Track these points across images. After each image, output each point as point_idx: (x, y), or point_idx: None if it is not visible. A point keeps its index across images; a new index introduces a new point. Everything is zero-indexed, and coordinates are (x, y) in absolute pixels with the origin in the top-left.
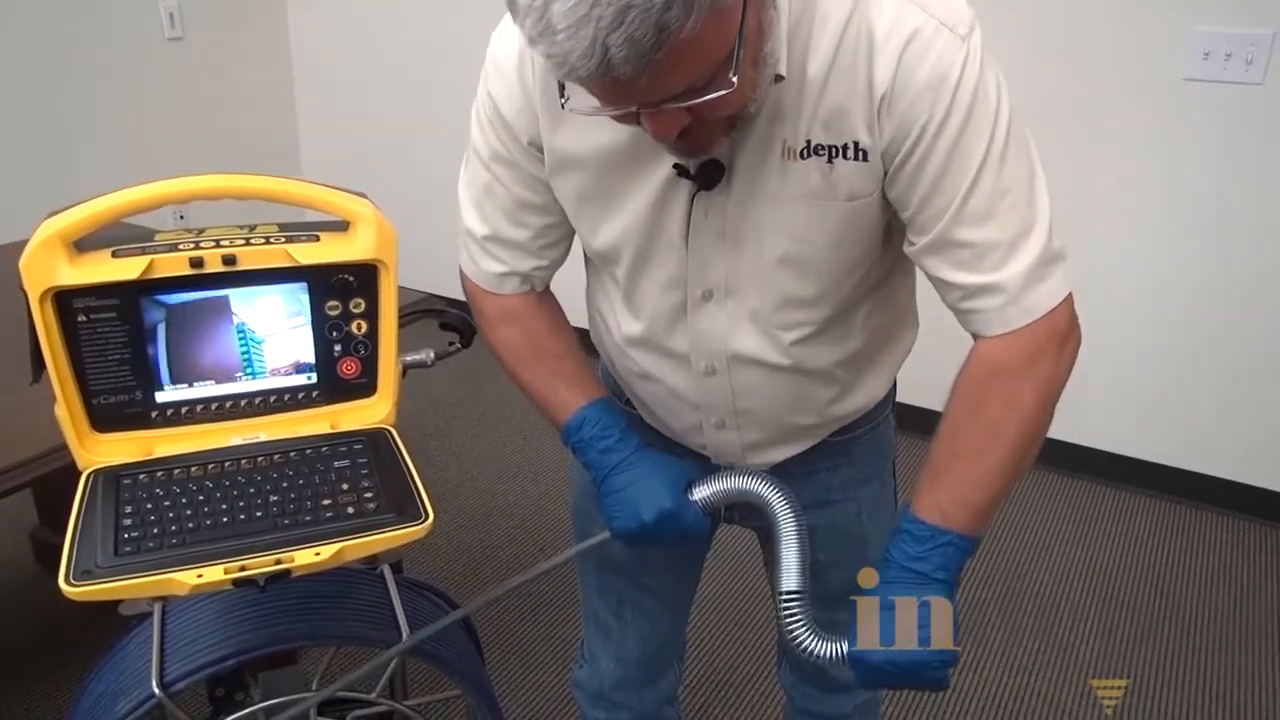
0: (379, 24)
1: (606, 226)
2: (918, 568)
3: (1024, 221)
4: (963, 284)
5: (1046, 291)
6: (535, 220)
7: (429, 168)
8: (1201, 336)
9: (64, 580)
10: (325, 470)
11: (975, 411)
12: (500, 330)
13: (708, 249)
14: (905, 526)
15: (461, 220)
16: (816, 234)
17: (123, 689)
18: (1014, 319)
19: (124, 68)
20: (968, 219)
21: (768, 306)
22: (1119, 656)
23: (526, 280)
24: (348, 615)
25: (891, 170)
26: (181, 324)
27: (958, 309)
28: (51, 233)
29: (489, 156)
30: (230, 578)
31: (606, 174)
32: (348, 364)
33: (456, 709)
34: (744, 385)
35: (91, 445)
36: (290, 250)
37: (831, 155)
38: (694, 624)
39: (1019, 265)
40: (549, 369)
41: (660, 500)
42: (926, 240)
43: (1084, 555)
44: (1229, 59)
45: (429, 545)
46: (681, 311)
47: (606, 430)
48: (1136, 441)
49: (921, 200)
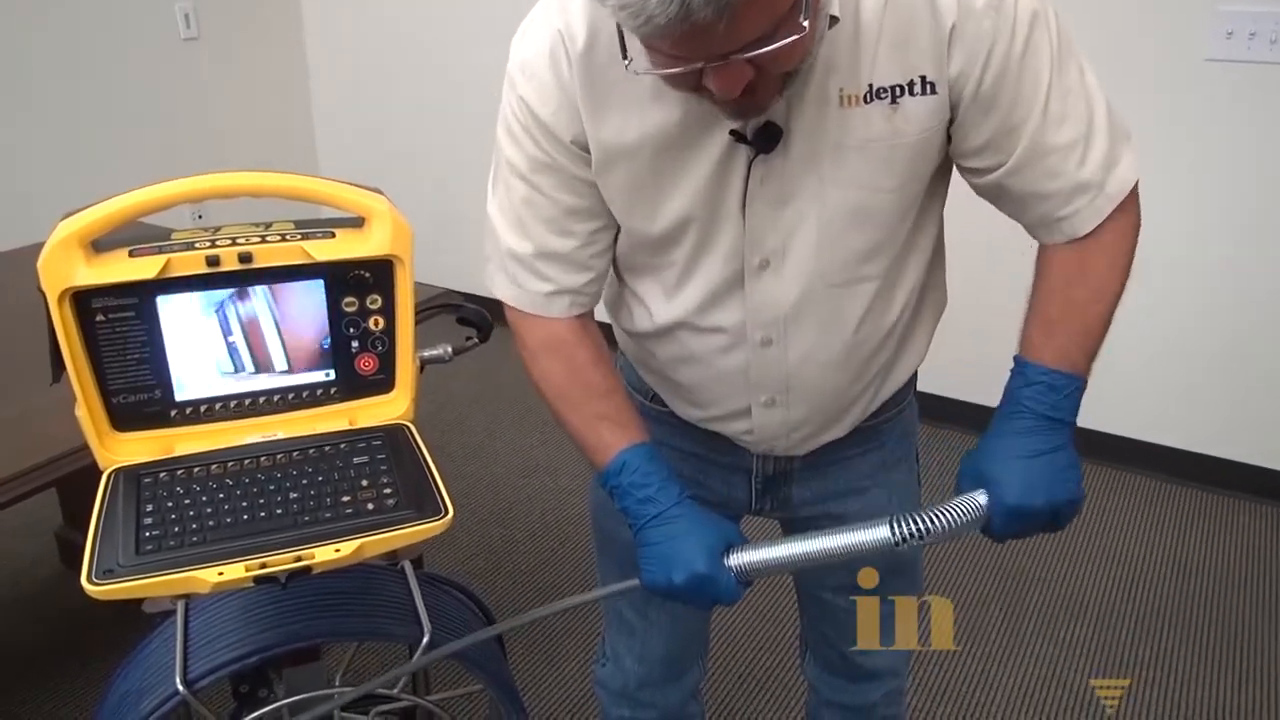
0: (394, 21)
1: (667, 208)
2: (1056, 415)
3: (1089, 112)
4: (1057, 191)
5: (1121, 173)
6: (582, 227)
7: (445, 163)
8: (1223, 321)
9: (86, 579)
10: (344, 467)
11: (1083, 269)
12: (543, 363)
13: (765, 216)
14: (1038, 378)
15: (500, 243)
16: (884, 178)
17: (147, 686)
18: (1103, 208)
19: (140, 68)
20: (1050, 124)
21: (830, 266)
22: (1145, 645)
23: (576, 300)
24: (369, 611)
25: (967, 97)
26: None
27: (1052, 220)
28: (69, 233)
29: (527, 168)
30: (251, 575)
31: (658, 158)
32: (365, 360)
33: (479, 703)
34: (800, 354)
35: (112, 444)
36: (306, 247)
37: (896, 95)
38: (714, 618)
39: (1096, 155)
40: (592, 410)
41: (694, 563)
42: (1015, 158)
43: (1106, 543)
44: (1253, 38)
45: (449, 540)
46: (736, 283)
47: (646, 478)
48: (1158, 427)
49: (1004, 119)
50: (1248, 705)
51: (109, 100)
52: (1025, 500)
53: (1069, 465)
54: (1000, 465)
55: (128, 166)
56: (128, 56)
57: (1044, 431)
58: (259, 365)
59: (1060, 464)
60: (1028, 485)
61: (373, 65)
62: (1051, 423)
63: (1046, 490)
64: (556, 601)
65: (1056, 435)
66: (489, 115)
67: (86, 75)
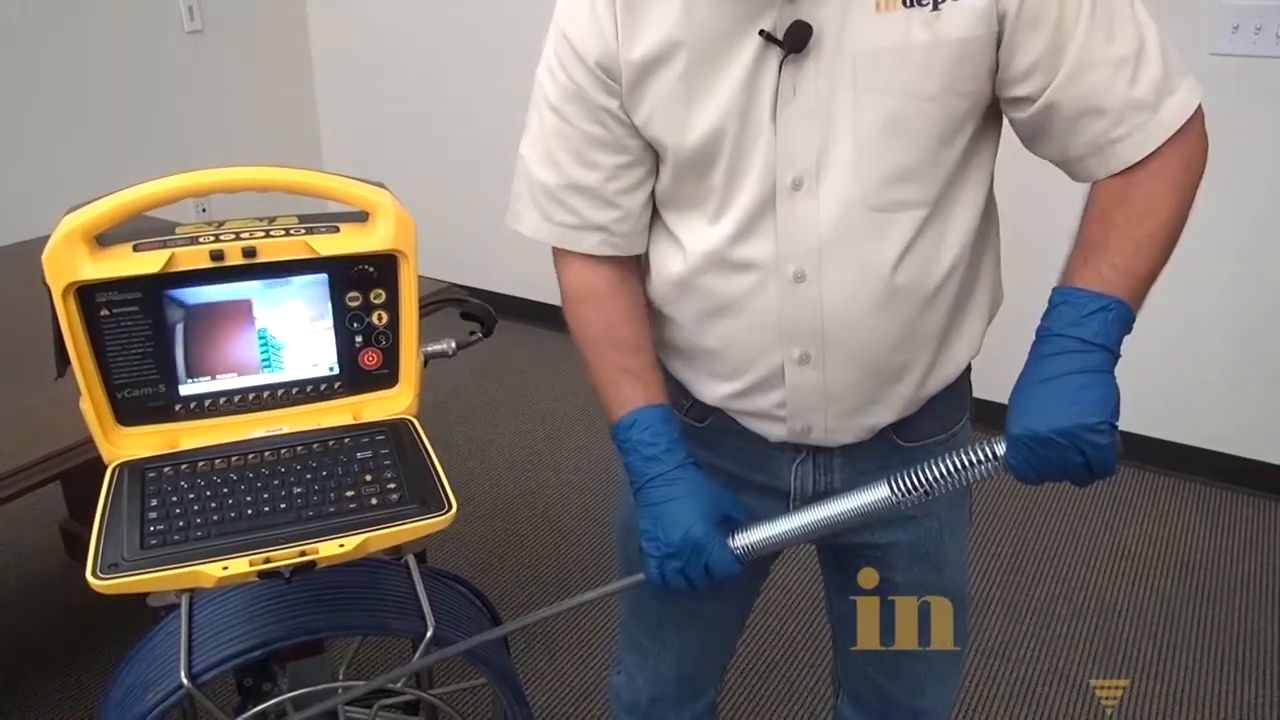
0: (399, 15)
1: (700, 119)
2: (1077, 333)
3: (1139, 35)
4: (1108, 107)
5: (1180, 99)
6: (606, 159)
7: (450, 158)
8: (1227, 315)
9: (91, 574)
10: (348, 461)
11: (1126, 194)
12: (577, 310)
13: (796, 127)
14: (1060, 299)
15: (531, 176)
16: (921, 85)
17: (152, 680)
18: (1155, 134)
19: (144, 62)
20: (1097, 37)
21: (868, 186)
22: (1147, 639)
23: (607, 239)
24: (373, 605)
25: (1013, 7)
26: (203, 316)
27: (1104, 143)
28: (73, 227)
29: (558, 98)
30: (255, 570)
31: (693, 63)
32: (369, 355)
33: (482, 697)
34: (836, 293)
35: (116, 439)
36: (310, 241)
37: (938, 1)
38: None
39: (1148, 77)
40: (617, 363)
41: (690, 525)
42: (1064, 71)
43: (1108, 537)
44: (1259, 32)
45: (453, 535)
46: (769, 208)
47: (655, 438)
48: (1161, 422)
49: (1052, 35)
50: (1250, 700)
51: (113, 94)
52: (1034, 426)
53: (1088, 386)
54: (1015, 393)
55: (132, 161)
56: (132, 50)
57: (1067, 354)
58: (263, 360)
59: (1076, 384)
60: (1038, 410)
61: (377, 59)
62: (1076, 344)
63: (1058, 414)
64: (569, 599)
65: (1080, 359)
66: (493, 109)
67: (90, 69)
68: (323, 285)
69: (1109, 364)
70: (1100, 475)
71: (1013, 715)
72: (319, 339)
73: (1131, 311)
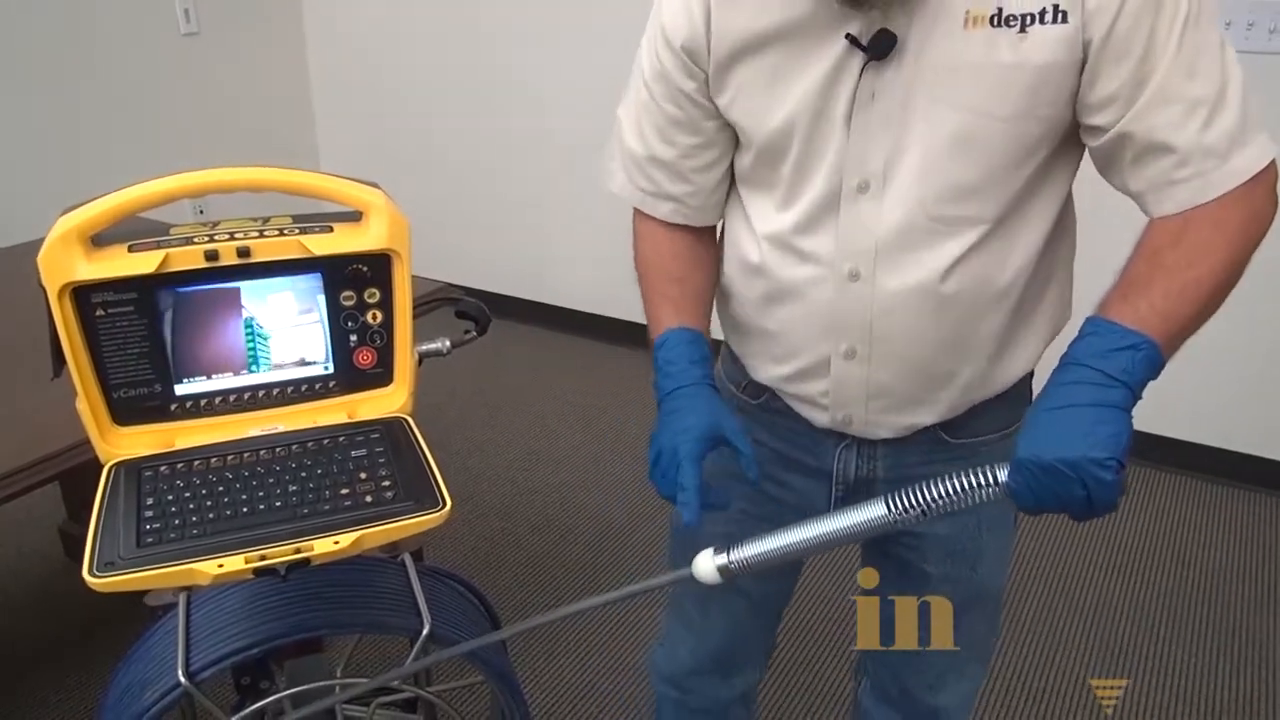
0: (394, 16)
1: (777, 108)
2: (1101, 366)
3: (1222, 79)
4: (1177, 146)
5: (1251, 154)
6: (682, 139)
7: (445, 158)
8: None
9: (87, 571)
10: (343, 459)
11: (1180, 236)
12: (639, 247)
13: (870, 131)
14: (1090, 330)
15: (623, 142)
16: (997, 105)
17: (150, 679)
18: (1221, 182)
19: (139, 64)
20: (1179, 71)
21: (931, 196)
22: (1144, 635)
23: (678, 208)
24: (369, 603)
25: (1099, 36)
26: (198, 316)
27: (1166, 181)
28: (68, 228)
29: (650, 75)
30: (251, 567)
31: (783, 53)
32: (364, 354)
33: (480, 695)
34: (888, 299)
35: (113, 438)
36: (304, 241)
37: (1025, 23)
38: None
39: (1224, 125)
40: (661, 290)
41: (672, 437)
42: (1141, 102)
43: (1105, 533)
44: (1251, 28)
45: (451, 534)
46: (833, 205)
47: (677, 356)
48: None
49: (1136, 67)
50: (1246, 695)
51: (109, 95)
52: (1041, 453)
53: (1103, 421)
54: (1028, 417)
55: (127, 161)
56: (127, 51)
57: (1087, 384)
58: (257, 359)
59: (1091, 418)
60: (1047, 437)
61: (372, 60)
62: (1098, 376)
63: (1067, 444)
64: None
65: (1100, 392)
66: (488, 110)
67: (86, 70)
68: (317, 284)
69: (1128, 402)
70: (1100, 513)
71: (1010, 712)
72: (313, 338)
73: (1162, 356)
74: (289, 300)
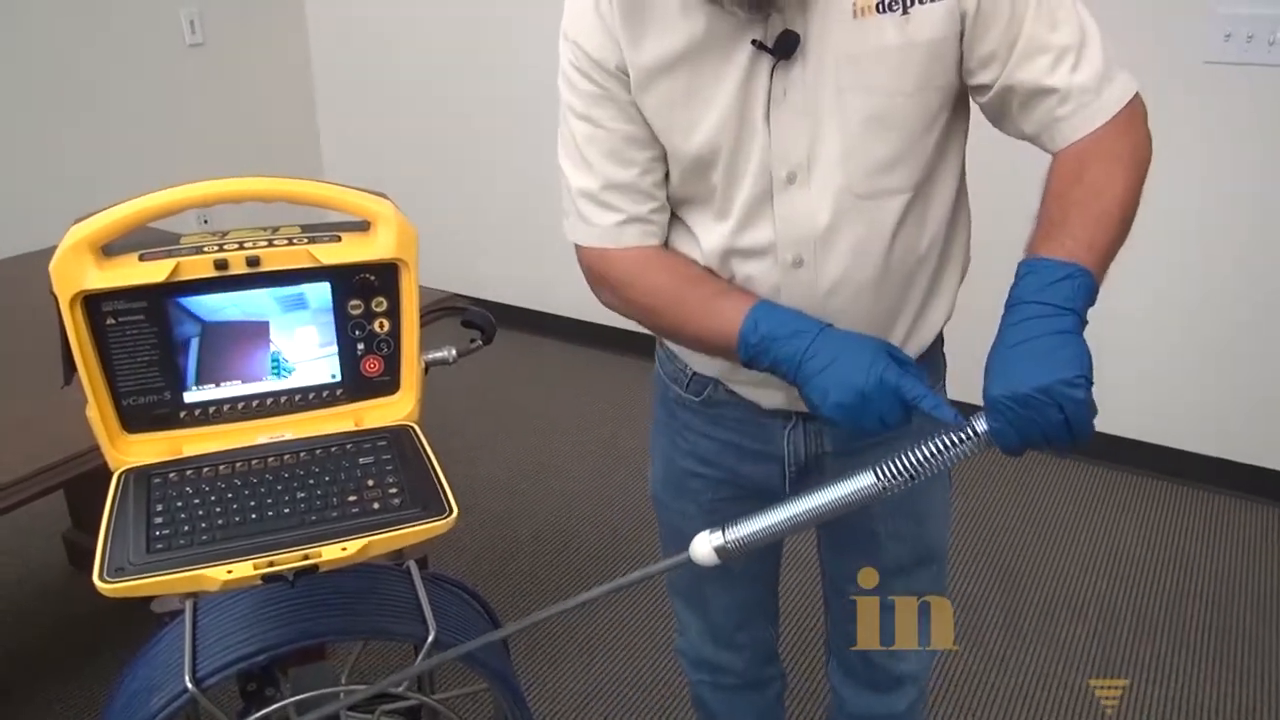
0: (398, 26)
1: (701, 125)
2: (1046, 299)
3: (1080, 30)
4: (1053, 87)
5: (1119, 88)
6: (641, 154)
7: (450, 168)
8: (1222, 321)
9: (98, 577)
10: (350, 467)
11: (1080, 174)
12: (644, 282)
13: (789, 127)
14: (1026, 270)
15: (570, 187)
16: (899, 83)
17: (156, 685)
18: (1096, 117)
19: (146, 75)
20: (1043, 24)
21: (856, 177)
22: (1144, 643)
23: (645, 229)
24: (375, 610)
25: (971, 8)
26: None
27: (1051, 121)
28: (79, 238)
29: (584, 106)
30: (259, 573)
31: (692, 72)
32: (371, 362)
33: (484, 702)
34: (833, 277)
35: (122, 446)
36: (313, 251)
37: (907, 6)
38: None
39: (1090, 67)
40: (703, 294)
41: (868, 368)
42: (1015, 54)
43: (1105, 542)
44: (1250, 40)
45: (454, 542)
46: (767, 200)
47: (784, 317)
48: (1157, 428)
49: (1005, 28)
50: (1245, 703)
51: (116, 106)
52: (1014, 386)
53: (1062, 346)
54: (990, 361)
55: (135, 172)
56: (133, 63)
57: (1038, 319)
58: (267, 368)
59: (1050, 345)
60: (1016, 371)
61: (377, 71)
62: (1046, 309)
63: (1036, 373)
64: (609, 583)
65: (1051, 322)
66: (493, 119)
67: (93, 81)
68: (325, 294)
69: (1078, 327)
70: (1079, 436)
71: (1012, 719)
72: (322, 347)
73: (1094, 281)
74: (310, 323)
